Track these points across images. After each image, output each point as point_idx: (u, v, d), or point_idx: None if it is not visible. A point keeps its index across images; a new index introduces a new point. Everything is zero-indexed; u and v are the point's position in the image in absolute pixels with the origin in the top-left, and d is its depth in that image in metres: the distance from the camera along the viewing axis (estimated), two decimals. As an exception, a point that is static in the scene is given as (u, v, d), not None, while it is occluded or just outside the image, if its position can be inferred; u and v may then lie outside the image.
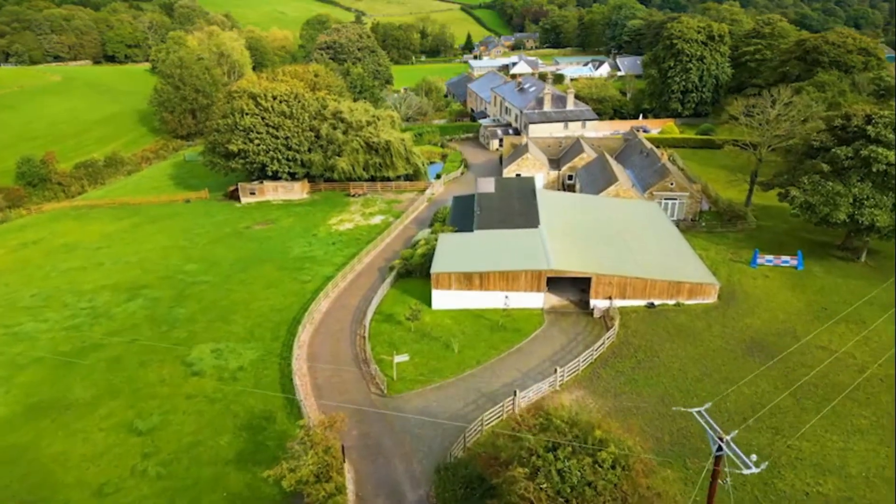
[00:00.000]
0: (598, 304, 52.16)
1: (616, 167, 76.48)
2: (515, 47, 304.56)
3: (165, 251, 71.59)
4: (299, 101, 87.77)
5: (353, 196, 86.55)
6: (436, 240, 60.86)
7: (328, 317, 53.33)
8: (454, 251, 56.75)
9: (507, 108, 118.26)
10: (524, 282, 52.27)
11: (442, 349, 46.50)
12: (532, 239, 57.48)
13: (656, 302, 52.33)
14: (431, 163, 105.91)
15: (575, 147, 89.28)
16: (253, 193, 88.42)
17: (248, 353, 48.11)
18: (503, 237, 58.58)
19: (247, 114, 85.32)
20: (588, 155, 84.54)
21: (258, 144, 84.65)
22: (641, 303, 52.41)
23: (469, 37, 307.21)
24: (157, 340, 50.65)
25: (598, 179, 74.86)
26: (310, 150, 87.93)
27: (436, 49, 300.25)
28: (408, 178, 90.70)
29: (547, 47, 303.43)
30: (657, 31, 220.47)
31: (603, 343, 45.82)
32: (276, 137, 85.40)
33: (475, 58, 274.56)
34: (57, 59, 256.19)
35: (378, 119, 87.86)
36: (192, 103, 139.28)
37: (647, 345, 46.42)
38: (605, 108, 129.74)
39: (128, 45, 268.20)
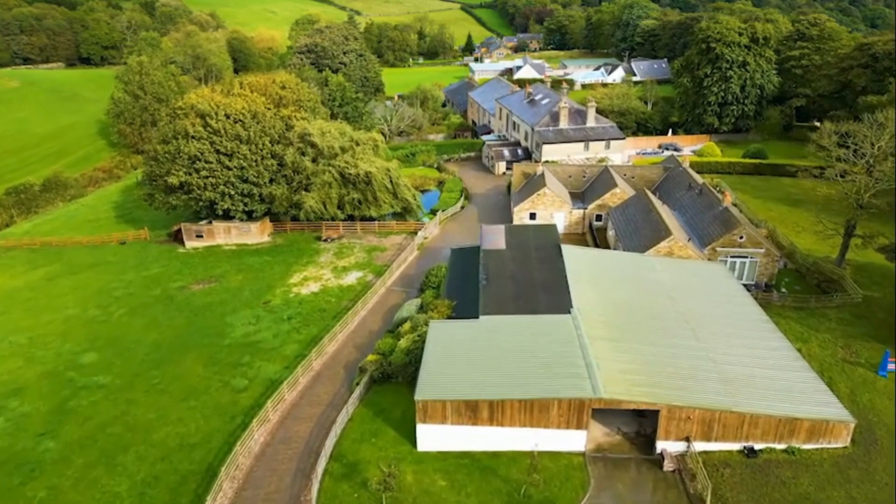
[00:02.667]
0: (668, 447, 34.38)
1: (663, 211, 58.60)
2: (518, 49, 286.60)
3: (67, 326, 53.72)
4: (258, 122, 69.88)
5: (325, 241, 68.66)
6: (425, 325, 43.12)
7: (260, 464, 35.46)
8: (450, 356, 38.89)
9: (514, 122, 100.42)
10: (557, 415, 34.49)
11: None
12: (564, 334, 39.66)
13: (758, 447, 34.51)
14: (425, 191, 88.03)
15: (603, 178, 71.40)
16: (200, 236, 70.52)
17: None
18: (522, 330, 40.76)
19: (192, 137, 67.48)
20: (622, 191, 66.62)
21: (205, 176, 66.78)
22: (735, 447, 34.62)
23: (469, 38, 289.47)
24: (-9, 512, 32.91)
25: (640, 228, 56.95)
26: (271, 182, 70.07)
27: (434, 51, 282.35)
28: (395, 215, 72.81)
29: (551, 49, 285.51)
30: (674, 32, 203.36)
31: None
32: (229, 167, 67.51)
33: (476, 60, 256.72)
34: (27, 61, 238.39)
35: (357, 144, 69.95)
36: (154, 114, 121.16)
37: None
38: (627, 122, 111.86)
39: (104, 46, 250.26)
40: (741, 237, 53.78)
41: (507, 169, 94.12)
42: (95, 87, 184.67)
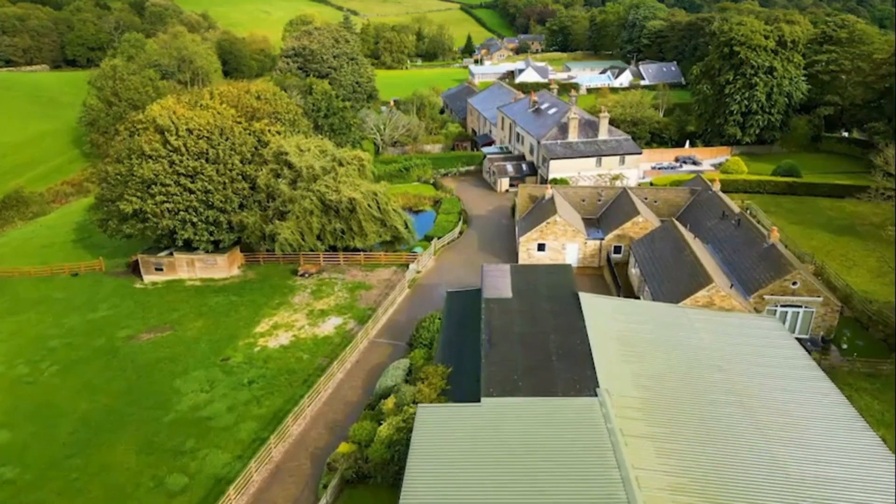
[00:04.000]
0: None
1: (697, 248, 49.57)
2: (520, 50, 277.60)
3: (-14, 389, 44.77)
4: (227, 138, 60.93)
5: (303, 276, 59.62)
6: (413, 405, 34.18)
7: None
8: (444, 457, 29.87)
9: (518, 134, 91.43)
10: (586, 559, 25.45)
11: None
12: (590, 429, 30.66)
13: None
14: (419, 211, 79.06)
15: (622, 203, 62.41)
16: (160, 269, 61.52)
17: None
18: (535, 422, 31.71)
19: (148, 157, 58.52)
20: (645, 219, 57.58)
21: (162, 202, 57.78)
22: None
23: (469, 39, 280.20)
24: None
25: (672, 270, 47.90)
26: (242, 208, 61.13)
27: (433, 52, 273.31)
28: (385, 243, 63.79)
29: (554, 50, 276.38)
30: (683, 33, 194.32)
31: None
32: (191, 191, 58.52)
33: (476, 62, 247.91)
34: (9, 63, 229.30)
35: (340, 164, 60.92)
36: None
37: None
38: (640, 133, 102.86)
39: (90, 47, 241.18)
40: (795, 283, 44.80)
41: (511, 185, 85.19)
42: (76, 91, 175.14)
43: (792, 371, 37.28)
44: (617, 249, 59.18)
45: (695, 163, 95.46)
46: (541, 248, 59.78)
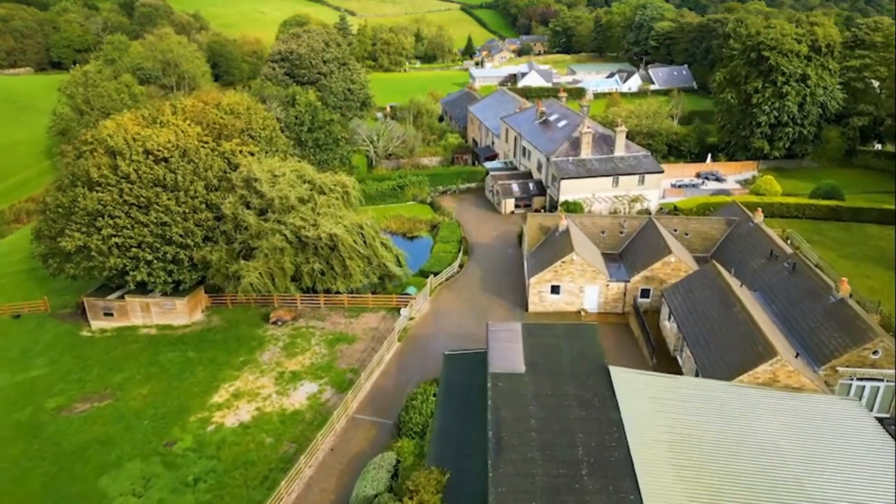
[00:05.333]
0: None
1: (749, 303, 40.72)
2: (522, 52, 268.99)
3: None
4: (189, 161, 52.15)
5: (275, 324, 50.78)
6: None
7: None
8: None
9: (524, 148, 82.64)
10: None
11: None
12: None
13: None
14: (414, 237, 70.28)
15: (648, 235, 53.61)
16: (109, 314, 52.72)
17: None
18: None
19: (96, 185, 49.77)
20: (678, 259, 48.74)
21: (110, 237, 48.97)
22: None
23: (469, 40, 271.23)
24: None
25: (721, 333, 39.02)
26: (207, 241, 52.34)
27: (432, 54, 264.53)
28: (373, 283, 54.95)
29: (557, 52, 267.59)
30: (694, 35, 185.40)
31: None
32: (144, 224, 49.72)
33: (476, 64, 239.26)
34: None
35: (321, 192, 52.11)
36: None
37: None
38: (656, 145, 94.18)
39: (76, 49, 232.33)
40: (876, 352, 36.04)
41: (516, 207, 76.49)
42: (58, 95, 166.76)
43: (887, 478, 28.50)
44: (644, 293, 50.38)
45: (718, 179, 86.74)
46: (555, 290, 51.01)
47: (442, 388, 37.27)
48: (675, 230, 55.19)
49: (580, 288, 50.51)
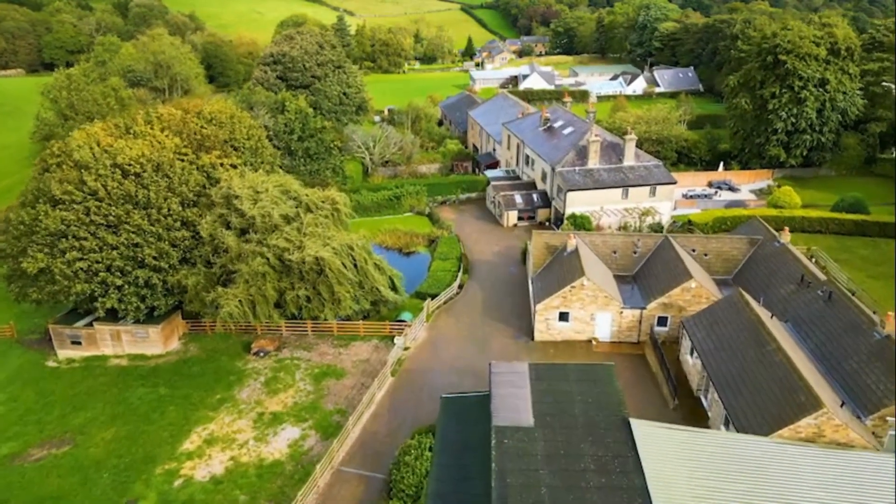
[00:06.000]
0: None
1: (784, 340, 36.32)
2: (523, 53, 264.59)
3: None
4: (164, 175, 47.77)
5: (257, 354, 46.38)
6: None
7: None
8: None
9: (528, 157, 78.25)
10: None
11: None
12: None
13: None
14: (410, 253, 65.98)
15: (664, 256, 49.19)
16: (77, 343, 48.33)
17: None
18: None
19: (58, 202, 45.44)
20: (699, 285, 44.32)
21: (76, 260, 44.59)
22: None
23: (470, 41, 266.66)
24: None
25: (753, 375, 34.65)
26: (184, 262, 47.99)
27: (432, 55, 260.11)
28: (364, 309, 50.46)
29: (558, 53, 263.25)
30: (699, 36, 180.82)
31: None
32: (113, 246, 45.34)
33: (477, 66, 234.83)
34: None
35: (308, 210, 47.72)
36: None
37: None
38: (665, 152, 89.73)
39: (69, 50, 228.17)
40: (933, 402, 31.65)
41: (520, 219, 72.16)
42: (41, 100, 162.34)
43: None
44: (662, 320, 45.99)
45: (731, 188, 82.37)
46: (563, 317, 46.62)
47: (439, 441, 32.86)
48: (694, 250, 50.78)
49: (591, 315, 46.13)
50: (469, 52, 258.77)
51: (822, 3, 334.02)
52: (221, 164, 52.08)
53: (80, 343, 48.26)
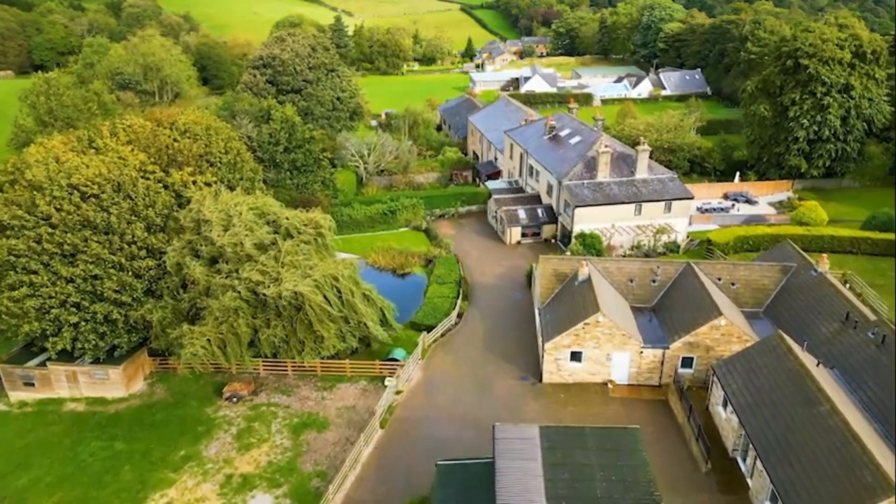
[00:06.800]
0: None
1: (836, 394, 31.11)
2: (524, 54, 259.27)
3: None
4: (126, 197, 42.61)
5: (230, 400, 41.14)
6: None
7: None
8: None
9: (532, 167, 73.07)
10: None
11: None
12: None
13: None
14: (405, 274, 60.70)
15: (687, 287, 43.94)
16: (30, 384, 43.11)
17: None
18: None
19: (5, 228, 40.29)
20: (730, 323, 39.07)
21: (26, 297, 39.38)
22: None
23: (470, 42, 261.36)
24: None
25: (804, 442, 29.38)
26: (149, 294, 42.82)
27: (431, 56, 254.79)
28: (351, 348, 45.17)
29: (559, 54, 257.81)
30: (706, 37, 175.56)
31: None
32: (69, 279, 40.16)
33: (477, 67, 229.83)
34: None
35: (288, 235, 42.48)
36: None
37: None
38: (677, 162, 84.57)
39: (60, 52, 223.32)
40: None
41: (524, 236, 67.02)
42: (19, 105, 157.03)
43: None
44: (686, 361, 40.79)
45: (749, 201, 77.14)
46: (575, 357, 41.42)
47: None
48: (720, 279, 45.56)
49: (607, 356, 40.92)
50: (469, 54, 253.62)
51: (826, 2, 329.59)
52: (194, 182, 46.91)
53: (33, 385, 43.02)
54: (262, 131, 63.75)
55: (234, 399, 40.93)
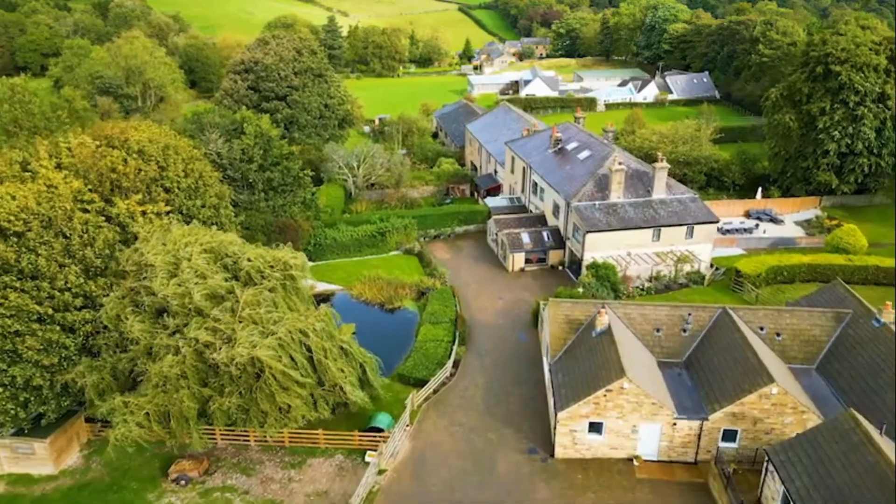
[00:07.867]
0: None
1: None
2: (523, 55, 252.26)
3: None
4: (57, 234, 35.50)
5: (176, 482, 34.04)
6: None
7: None
8: None
9: (536, 185, 66.03)
10: None
11: None
12: None
13: None
14: (395, 309, 53.60)
15: (724, 338, 36.90)
16: (-59, 460, 36.03)
17: None
18: None
19: None
20: (784, 392, 32.11)
21: (-74, 358, 32.38)
22: None
23: (468, 43, 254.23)
24: None
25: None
26: (84, 351, 35.73)
27: (428, 58, 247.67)
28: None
29: (560, 56, 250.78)
30: (713, 38, 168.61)
31: None
32: (-20, 335, 33.08)
33: (475, 69, 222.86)
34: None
35: (247, 281, 35.34)
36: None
37: None
38: (693, 175, 77.63)
39: (44, 53, 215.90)
40: None
41: (527, 262, 60.08)
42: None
43: None
44: (729, 434, 33.80)
45: (773, 220, 70.27)
46: (594, 428, 34.41)
47: None
48: (762, 328, 38.57)
49: (633, 427, 33.93)
50: (467, 55, 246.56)
51: (830, 3, 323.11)
52: (144, 214, 39.90)
53: (-55, 460, 35.96)
54: (233, 147, 56.65)
55: (182, 482, 33.81)
